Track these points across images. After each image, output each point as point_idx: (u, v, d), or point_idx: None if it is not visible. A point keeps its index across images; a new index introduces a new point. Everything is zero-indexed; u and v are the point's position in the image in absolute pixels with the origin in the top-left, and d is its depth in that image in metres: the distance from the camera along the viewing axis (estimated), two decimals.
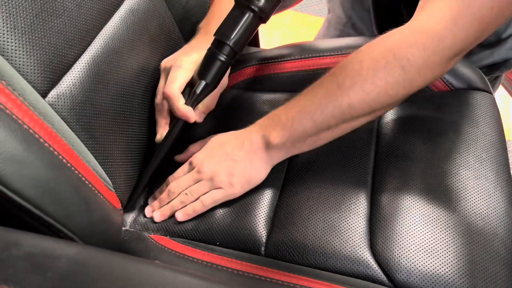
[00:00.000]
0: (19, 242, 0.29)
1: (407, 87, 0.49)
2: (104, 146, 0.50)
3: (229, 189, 0.54)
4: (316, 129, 0.51)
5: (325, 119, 0.50)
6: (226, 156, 0.54)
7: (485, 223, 0.51)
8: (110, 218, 0.45)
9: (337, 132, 0.52)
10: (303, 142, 0.52)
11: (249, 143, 0.54)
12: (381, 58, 0.48)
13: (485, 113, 0.63)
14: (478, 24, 0.46)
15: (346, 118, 0.50)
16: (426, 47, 0.47)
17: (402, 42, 0.48)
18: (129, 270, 0.28)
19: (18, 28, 0.41)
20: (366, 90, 0.48)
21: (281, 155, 0.54)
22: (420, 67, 0.47)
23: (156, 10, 0.60)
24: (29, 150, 0.34)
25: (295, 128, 0.51)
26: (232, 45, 0.53)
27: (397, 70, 0.47)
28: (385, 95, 0.49)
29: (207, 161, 0.54)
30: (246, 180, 0.54)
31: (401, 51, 0.47)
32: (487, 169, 0.56)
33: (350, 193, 0.55)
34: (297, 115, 0.51)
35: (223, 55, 0.53)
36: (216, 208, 0.55)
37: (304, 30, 1.70)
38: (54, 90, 0.45)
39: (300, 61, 0.69)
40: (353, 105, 0.49)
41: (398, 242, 0.49)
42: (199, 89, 0.54)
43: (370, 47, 0.50)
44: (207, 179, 0.54)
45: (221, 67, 0.54)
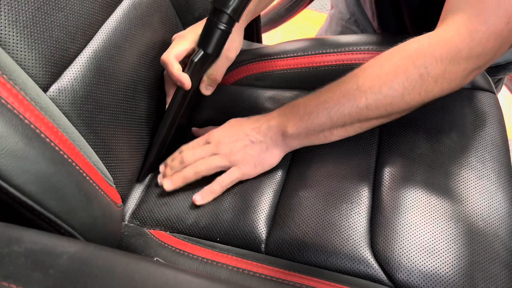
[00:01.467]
0: (20, 239, 0.29)
1: (423, 95, 0.51)
2: (105, 141, 0.50)
3: (244, 168, 0.55)
4: (331, 125, 0.53)
5: (341, 116, 0.52)
6: (244, 136, 0.56)
7: (486, 224, 0.50)
8: (111, 214, 0.45)
9: (350, 130, 0.54)
10: (317, 135, 0.55)
11: (267, 128, 0.56)
12: (401, 64, 0.50)
13: (488, 113, 0.63)
14: (494, 39, 0.49)
15: (361, 118, 0.52)
16: (443, 58, 0.49)
17: (421, 50, 0.50)
18: (131, 268, 0.28)
19: (20, 22, 0.41)
20: (384, 94, 0.50)
21: (295, 144, 0.56)
22: (437, 76, 0.49)
23: (159, 4, 0.60)
24: (30, 146, 0.34)
25: (312, 121, 0.53)
26: (230, 13, 0.52)
27: (415, 77, 0.49)
28: (401, 100, 0.51)
29: (226, 139, 0.56)
30: (260, 162, 0.56)
31: (419, 59, 0.49)
32: (489, 169, 0.55)
33: (351, 192, 0.55)
34: (315, 109, 0.53)
35: (222, 24, 0.53)
36: (217, 204, 0.55)
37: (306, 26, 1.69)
38: (56, 84, 0.45)
39: (303, 58, 0.69)
40: (369, 106, 0.51)
41: (399, 241, 0.49)
42: (196, 57, 0.55)
43: (391, 53, 0.53)
44: (223, 155, 0.55)
45: (220, 36, 0.54)
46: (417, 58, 0.50)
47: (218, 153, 0.56)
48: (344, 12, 0.94)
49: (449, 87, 0.51)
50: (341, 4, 0.94)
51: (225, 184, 0.55)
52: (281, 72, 0.70)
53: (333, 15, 0.98)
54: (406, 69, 0.50)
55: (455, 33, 0.49)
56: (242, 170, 0.56)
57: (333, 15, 0.98)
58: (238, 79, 0.73)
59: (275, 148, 0.56)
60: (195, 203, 0.55)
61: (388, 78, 0.50)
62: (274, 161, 0.57)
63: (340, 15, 0.95)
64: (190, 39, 0.58)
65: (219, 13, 0.52)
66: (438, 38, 0.51)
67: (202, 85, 0.59)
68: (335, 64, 0.67)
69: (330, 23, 0.99)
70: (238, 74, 0.72)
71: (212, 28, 0.53)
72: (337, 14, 0.96)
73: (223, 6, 0.52)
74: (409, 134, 0.60)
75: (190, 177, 0.55)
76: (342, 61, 0.68)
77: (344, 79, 0.54)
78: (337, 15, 0.96)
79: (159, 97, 0.60)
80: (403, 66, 0.50)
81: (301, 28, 1.68)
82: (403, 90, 0.50)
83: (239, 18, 0.54)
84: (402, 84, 0.50)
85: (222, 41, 0.54)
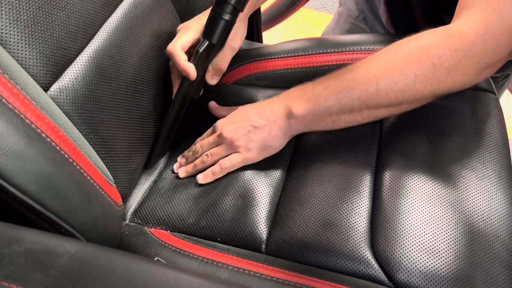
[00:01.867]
0: (20, 238, 0.29)
1: (434, 85, 0.50)
2: (105, 140, 0.50)
3: (246, 153, 0.56)
4: (339, 109, 0.52)
5: (349, 100, 0.51)
6: (247, 122, 0.56)
7: (487, 225, 0.50)
8: (111, 213, 0.45)
9: (357, 117, 0.53)
10: (323, 119, 0.54)
11: (270, 111, 0.55)
12: (414, 52, 0.50)
13: (488, 113, 0.63)
14: (509, 34, 0.49)
15: (370, 104, 0.52)
16: (458, 49, 0.49)
17: (436, 41, 0.50)
18: (131, 268, 0.28)
19: (21, 21, 0.41)
20: (395, 80, 0.50)
21: (300, 127, 0.55)
22: (450, 67, 0.49)
23: (159, 4, 0.60)
24: (31, 145, 0.34)
25: (319, 103, 0.53)
26: (234, 3, 0.53)
27: (428, 65, 0.49)
28: (412, 87, 0.50)
29: (228, 126, 0.57)
30: (263, 146, 0.56)
31: (434, 49, 0.49)
32: (490, 170, 0.55)
33: (352, 192, 0.55)
34: (323, 91, 0.53)
35: (226, 14, 0.53)
36: (218, 204, 0.55)
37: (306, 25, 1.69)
38: (56, 83, 0.45)
39: (304, 58, 0.69)
40: (380, 92, 0.50)
41: (399, 242, 0.49)
42: (201, 47, 0.55)
43: (405, 42, 0.52)
44: (226, 143, 0.56)
45: (224, 26, 0.54)
46: (432, 47, 0.49)
47: (222, 142, 0.57)
48: (353, 10, 0.94)
49: (462, 80, 0.51)
50: (350, 1, 0.94)
51: (225, 167, 0.57)
52: (281, 72, 0.70)
53: (341, 12, 0.98)
54: (419, 57, 0.49)
55: (470, 26, 0.49)
56: (244, 156, 0.56)
57: (341, 12, 0.98)
58: (239, 79, 0.73)
59: (279, 132, 0.56)
60: (198, 182, 0.58)
61: (401, 65, 0.50)
62: (277, 146, 0.57)
63: (349, 12, 0.95)
64: (195, 29, 0.58)
65: (223, 3, 0.53)
66: (453, 30, 0.50)
67: (207, 75, 0.60)
68: (336, 64, 0.67)
69: (338, 20, 0.99)
70: (239, 74, 0.72)
71: (216, 19, 0.54)
72: (346, 11, 0.96)
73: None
74: (410, 134, 0.60)
75: (198, 166, 0.58)
76: (343, 61, 0.67)
77: (356, 65, 0.53)
78: (346, 13, 0.96)
79: (159, 96, 0.60)
80: (417, 54, 0.50)
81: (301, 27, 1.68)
82: (414, 77, 0.50)
83: (243, 8, 0.54)
84: (415, 71, 0.49)
85: (226, 31, 0.55)
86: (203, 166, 0.58)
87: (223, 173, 0.57)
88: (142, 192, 0.60)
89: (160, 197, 0.58)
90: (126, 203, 0.57)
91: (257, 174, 0.58)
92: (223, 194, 0.56)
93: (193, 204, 0.56)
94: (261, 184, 0.57)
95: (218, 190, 0.57)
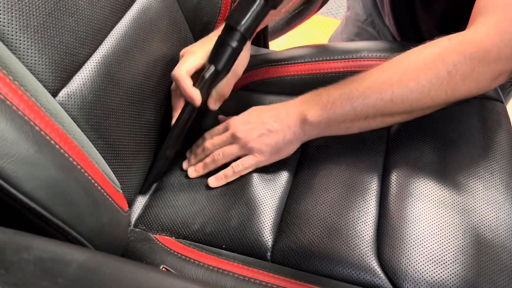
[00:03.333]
0: (29, 246, 0.29)
1: (449, 93, 0.51)
2: (113, 146, 0.50)
3: (259, 156, 0.56)
4: (354, 116, 0.53)
5: (364, 108, 0.52)
6: (261, 124, 0.56)
7: (494, 235, 0.50)
8: (118, 220, 0.45)
9: (372, 124, 0.54)
10: (338, 125, 0.54)
11: (285, 115, 0.56)
12: (430, 60, 0.50)
13: (496, 122, 0.62)
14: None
15: (385, 112, 0.52)
16: (473, 57, 0.49)
17: (451, 48, 0.50)
18: (139, 278, 0.28)
19: (31, 27, 0.41)
20: (411, 88, 0.50)
21: (314, 133, 0.56)
22: (465, 75, 0.50)
23: (168, 9, 0.60)
24: (40, 152, 0.34)
25: (334, 110, 0.53)
26: (243, 32, 0.53)
27: (443, 74, 0.50)
28: (427, 96, 0.51)
29: (242, 126, 0.57)
30: (276, 150, 0.56)
31: (449, 56, 0.50)
32: (497, 180, 0.55)
33: (358, 200, 0.55)
34: (339, 98, 0.53)
35: (234, 41, 0.53)
36: (223, 211, 0.55)
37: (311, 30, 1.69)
38: (65, 89, 0.45)
39: (311, 64, 0.69)
40: (395, 100, 0.51)
41: (406, 251, 0.49)
42: (207, 73, 0.55)
43: (421, 49, 0.53)
44: (240, 144, 0.57)
45: (231, 53, 0.54)
46: (447, 55, 0.50)
47: (234, 141, 0.57)
48: (360, 14, 0.94)
49: (476, 87, 0.51)
50: (357, 5, 0.95)
51: (238, 170, 0.57)
52: (288, 78, 0.70)
53: (349, 16, 0.98)
54: (435, 65, 0.50)
55: (485, 34, 0.50)
56: (257, 159, 0.57)
57: (349, 16, 0.98)
58: (245, 84, 0.73)
59: (293, 137, 0.56)
60: (210, 185, 0.58)
61: (416, 73, 0.50)
62: (290, 151, 0.57)
63: (357, 16, 0.95)
64: (200, 55, 0.57)
65: (232, 31, 0.52)
66: (468, 37, 0.51)
67: (210, 100, 0.59)
68: (342, 71, 0.67)
69: (346, 24, 0.99)
70: (245, 80, 0.72)
71: (224, 45, 0.53)
72: (353, 15, 0.96)
73: (237, 25, 0.52)
74: (417, 143, 0.59)
75: (210, 166, 0.58)
76: (350, 68, 0.67)
77: (371, 72, 0.54)
78: (353, 17, 0.96)
79: (167, 103, 0.61)
80: (432, 62, 0.50)
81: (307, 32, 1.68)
82: (430, 86, 0.50)
83: (251, 37, 0.54)
84: (430, 80, 0.50)
85: (233, 58, 0.55)
86: (215, 166, 0.58)
87: (235, 176, 0.57)
88: (146, 198, 0.60)
89: (164, 203, 0.58)
90: (131, 208, 0.57)
91: (263, 181, 0.58)
92: (228, 200, 0.56)
93: (198, 210, 0.56)
94: (267, 191, 0.57)
95: (223, 197, 0.57)
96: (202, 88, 0.55)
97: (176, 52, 0.61)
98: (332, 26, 1.72)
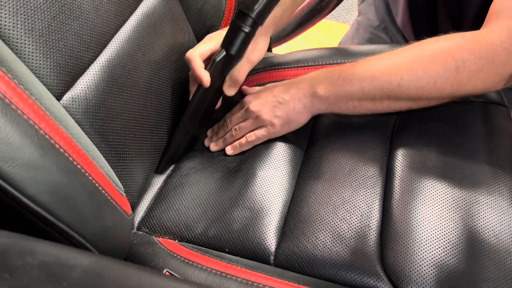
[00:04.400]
0: (33, 250, 0.29)
1: (455, 87, 0.53)
2: (116, 149, 0.50)
3: (271, 127, 0.60)
4: (361, 95, 0.55)
5: (372, 89, 0.55)
6: (272, 97, 0.59)
7: (498, 240, 0.50)
8: (121, 223, 0.45)
9: (377, 106, 0.57)
10: (345, 103, 0.57)
11: (296, 89, 0.59)
12: (440, 53, 0.52)
13: (500, 127, 0.62)
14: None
15: (391, 96, 0.55)
16: (482, 57, 0.51)
17: (462, 45, 0.52)
18: (144, 282, 0.28)
19: (36, 31, 0.41)
20: (418, 77, 0.53)
21: (323, 107, 0.59)
22: (472, 73, 0.52)
23: (172, 13, 0.60)
24: (45, 156, 0.34)
25: (343, 87, 0.56)
26: (255, 17, 0.54)
27: (451, 68, 0.52)
28: (433, 87, 0.53)
29: (255, 101, 0.60)
30: (286, 121, 0.59)
31: (459, 52, 0.52)
32: (501, 185, 0.55)
33: (361, 204, 0.54)
34: (348, 76, 0.56)
35: (245, 26, 0.55)
36: (226, 214, 0.55)
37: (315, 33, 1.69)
38: (69, 93, 0.45)
39: (314, 68, 0.69)
40: (402, 86, 0.53)
41: (410, 255, 0.49)
42: (218, 57, 0.57)
43: (434, 41, 0.55)
44: (252, 118, 0.60)
45: (243, 38, 0.56)
46: (457, 51, 0.52)
47: (248, 117, 0.60)
48: (373, 19, 0.94)
49: (482, 86, 0.53)
50: (370, 11, 0.95)
51: (251, 140, 0.61)
52: None
53: (360, 22, 0.98)
54: (444, 58, 0.52)
55: (496, 37, 0.52)
56: (269, 130, 0.60)
57: (360, 22, 0.98)
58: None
59: (302, 108, 0.58)
60: (227, 153, 0.62)
61: (426, 63, 0.53)
62: (300, 121, 0.60)
63: (369, 22, 0.95)
64: (217, 40, 0.60)
65: (243, 16, 0.54)
66: (480, 37, 0.52)
67: (225, 85, 0.62)
68: None
69: (357, 30, 1.00)
70: (248, 83, 0.72)
71: (236, 30, 0.55)
72: (365, 21, 0.96)
73: (248, 10, 0.54)
74: (420, 147, 0.59)
75: (228, 141, 0.62)
76: None
77: (383, 55, 0.56)
78: (365, 22, 0.96)
79: (170, 106, 0.61)
80: (442, 55, 0.52)
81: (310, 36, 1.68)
82: (437, 77, 0.52)
83: (262, 22, 0.56)
84: (438, 72, 0.52)
85: (244, 43, 0.56)
86: (232, 140, 0.62)
87: (249, 145, 0.61)
88: (149, 200, 0.60)
89: (166, 206, 0.58)
90: (134, 211, 0.57)
91: (266, 185, 0.58)
92: (231, 204, 0.56)
93: (201, 213, 0.56)
94: (270, 195, 0.57)
95: (226, 200, 0.57)
96: (213, 72, 0.57)
97: (180, 56, 0.62)
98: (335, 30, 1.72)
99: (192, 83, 0.62)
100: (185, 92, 0.64)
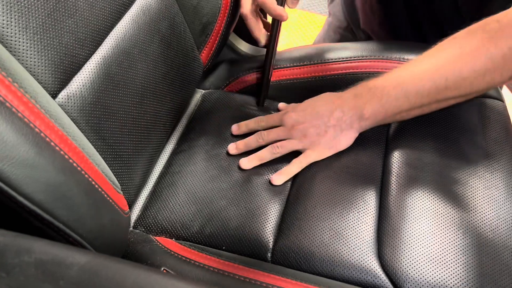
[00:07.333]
0: (30, 249, 0.29)
1: (504, 75, 0.50)
2: (113, 147, 0.50)
3: (319, 151, 0.58)
4: (409, 107, 0.54)
5: (419, 98, 0.53)
6: (317, 120, 0.57)
7: (495, 235, 0.50)
8: (118, 221, 0.45)
9: (425, 110, 0.55)
10: (394, 117, 0.56)
11: (340, 113, 0.57)
12: (481, 45, 0.50)
13: (496, 121, 0.62)
14: None
15: (439, 99, 0.53)
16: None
17: (503, 31, 0.49)
18: (141, 280, 0.28)
19: (30, 28, 0.41)
20: (464, 75, 0.50)
21: (369, 125, 0.57)
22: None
23: (167, 10, 0.60)
24: (40, 154, 0.34)
25: (390, 103, 0.54)
26: None
27: (498, 58, 0.49)
28: (482, 81, 0.50)
29: (300, 122, 0.58)
30: (334, 145, 0.58)
31: (502, 40, 0.49)
32: (498, 179, 0.55)
33: (358, 201, 0.55)
34: (393, 90, 0.54)
35: None
36: (222, 212, 0.55)
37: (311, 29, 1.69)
38: (64, 90, 0.45)
39: (310, 67, 0.69)
40: (449, 87, 0.51)
41: (407, 252, 0.49)
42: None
43: (469, 34, 0.52)
44: (298, 139, 0.58)
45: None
46: (499, 39, 0.49)
47: (292, 137, 0.58)
48: (342, 20, 0.93)
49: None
50: (338, 12, 0.94)
51: (302, 165, 0.58)
52: (286, 83, 0.70)
53: (330, 23, 0.97)
54: (487, 50, 0.49)
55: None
56: (317, 153, 0.58)
57: (330, 23, 0.97)
58: (244, 87, 0.72)
59: (349, 131, 0.57)
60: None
61: (469, 60, 0.50)
62: (348, 143, 0.58)
63: (338, 23, 0.94)
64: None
65: None
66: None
67: (288, 0, 0.65)
68: (343, 73, 0.67)
69: (327, 30, 0.98)
70: (244, 82, 0.72)
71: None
72: (335, 22, 0.95)
73: None
74: (417, 142, 0.59)
75: (267, 158, 0.59)
76: (351, 69, 0.67)
77: (423, 58, 0.54)
78: (335, 23, 0.95)
79: (166, 103, 0.60)
80: (484, 47, 0.49)
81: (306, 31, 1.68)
82: (485, 71, 0.50)
83: None
84: (484, 65, 0.49)
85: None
86: (272, 158, 0.59)
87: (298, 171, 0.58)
88: (144, 198, 0.59)
89: (161, 204, 0.57)
90: (131, 209, 0.57)
91: (263, 182, 0.58)
92: (227, 201, 0.56)
93: (196, 211, 0.55)
94: (267, 192, 0.57)
95: (221, 197, 0.56)
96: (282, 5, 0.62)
97: (175, 53, 0.61)
98: None
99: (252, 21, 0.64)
100: (182, 89, 0.63)
